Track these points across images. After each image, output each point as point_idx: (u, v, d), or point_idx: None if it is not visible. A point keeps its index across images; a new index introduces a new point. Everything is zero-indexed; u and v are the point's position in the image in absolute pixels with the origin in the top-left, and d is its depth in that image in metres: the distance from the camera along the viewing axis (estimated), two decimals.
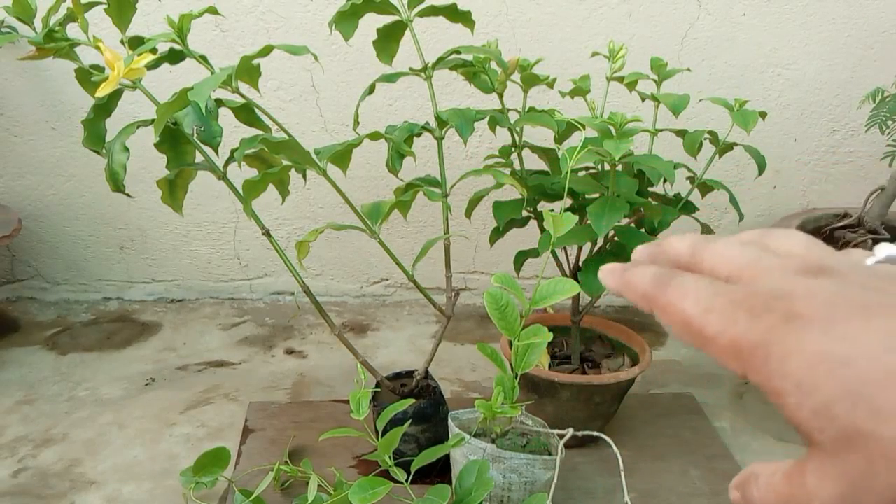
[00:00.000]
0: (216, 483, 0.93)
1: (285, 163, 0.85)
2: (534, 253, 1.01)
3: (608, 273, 0.26)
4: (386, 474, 0.79)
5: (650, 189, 1.00)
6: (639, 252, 0.27)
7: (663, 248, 0.26)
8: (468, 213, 1.05)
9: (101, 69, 0.81)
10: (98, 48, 0.73)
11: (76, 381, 1.24)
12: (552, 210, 0.80)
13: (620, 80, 1.00)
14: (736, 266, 0.23)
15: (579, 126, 0.84)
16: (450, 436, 0.88)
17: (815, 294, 0.20)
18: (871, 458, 0.17)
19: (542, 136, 1.08)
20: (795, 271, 0.21)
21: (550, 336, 0.80)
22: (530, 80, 0.98)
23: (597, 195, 0.91)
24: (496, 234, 1.05)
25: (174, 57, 0.82)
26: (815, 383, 0.18)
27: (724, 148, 1.01)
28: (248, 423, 1.12)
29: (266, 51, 0.75)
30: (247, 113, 0.85)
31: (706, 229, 1.04)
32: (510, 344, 0.82)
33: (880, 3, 1.38)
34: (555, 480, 0.80)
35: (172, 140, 0.86)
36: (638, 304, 0.25)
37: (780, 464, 0.21)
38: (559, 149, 0.89)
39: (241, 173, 0.87)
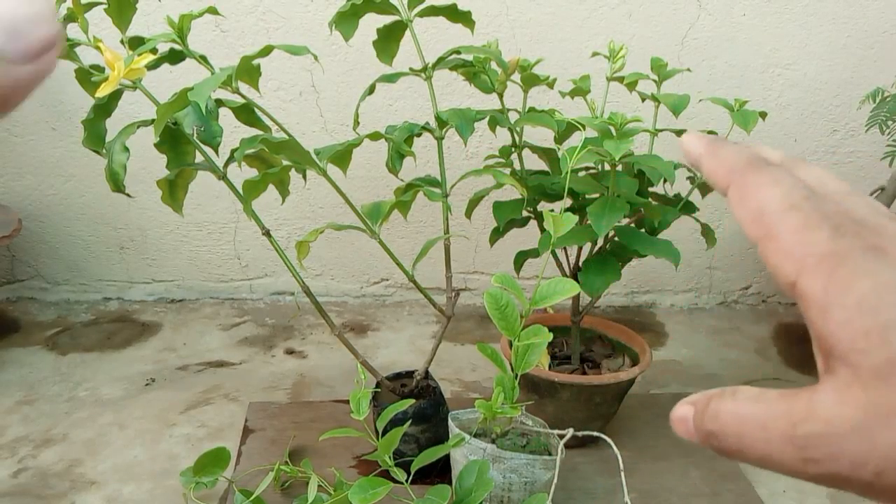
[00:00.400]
0: (216, 483, 0.93)
1: (285, 163, 0.85)
2: (534, 253, 1.01)
3: (694, 137, 0.25)
4: (386, 474, 0.79)
5: (650, 189, 1.00)
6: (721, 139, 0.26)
7: (753, 147, 0.25)
8: (468, 214, 1.05)
9: (101, 69, 0.81)
10: (98, 48, 0.73)
11: (76, 382, 1.24)
12: (552, 210, 0.80)
13: (620, 80, 1.00)
14: (829, 188, 0.22)
15: (579, 126, 0.84)
16: (450, 436, 0.88)
17: None
18: None
19: (542, 136, 1.08)
20: (886, 215, 0.21)
21: (550, 336, 0.80)
22: (530, 81, 0.98)
23: (597, 195, 0.91)
24: (496, 235, 1.05)
25: (174, 57, 0.82)
26: (879, 306, 0.18)
27: None
28: (248, 423, 1.12)
29: (266, 51, 0.75)
30: (247, 113, 0.85)
31: (707, 230, 1.04)
32: (510, 344, 0.82)
33: (880, 3, 1.38)
34: (555, 481, 0.80)
35: (172, 140, 0.85)
36: (713, 175, 0.23)
37: (764, 389, 0.20)
38: (559, 149, 0.89)
39: (242, 173, 0.87)
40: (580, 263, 1.01)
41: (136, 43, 0.81)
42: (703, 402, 0.21)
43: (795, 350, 1.42)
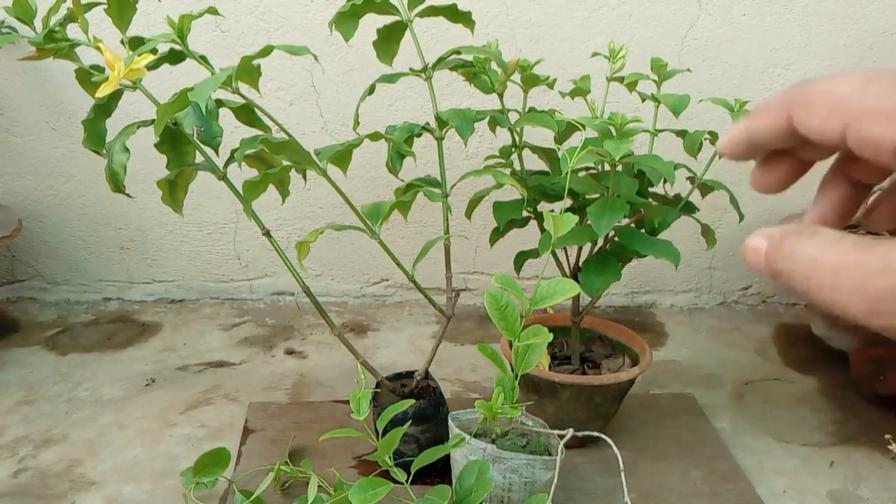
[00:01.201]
0: (216, 483, 0.93)
1: (285, 163, 0.85)
2: (534, 253, 1.01)
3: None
4: (386, 475, 0.79)
5: (650, 189, 1.00)
6: None
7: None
8: (468, 214, 1.05)
9: (101, 69, 0.81)
10: (98, 48, 0.73)
11: (76, 382, 1.24)
12: (552, 210, 0.80)
13: (620, 80, 1.00)
14: None
15: (579, 126, 0.84)
16: (450, 436, 0.88)
17: None
18: None
19: (542, 136, 1.08)
20: None
21: (550, 336, 0.80)
22: (530, 81, 0.98)
23: (597, 195, 0.91)
24: (496, 235, 1.05)
25: (174, 57, 0.82)
26: None
27: None
28: (248, 423, 1.12)
29: (266, 51, 0.75)
30: (247, 113, 0.85)
31: (707, 230, 1.03)
32: (510, 344, 0.82)
33: (880, 3, 1.38)
34: (555, 481, 0.80)
35: (172, 140, 0.85)
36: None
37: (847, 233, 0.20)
38: (559, 149, 0.89)
39: (242, 174, 0.87)
40: (580, 263, 1.01)
41: (136, 43, 0.81)
42: (779, 239, 0.21)
43: (795, 350, 1.42)
